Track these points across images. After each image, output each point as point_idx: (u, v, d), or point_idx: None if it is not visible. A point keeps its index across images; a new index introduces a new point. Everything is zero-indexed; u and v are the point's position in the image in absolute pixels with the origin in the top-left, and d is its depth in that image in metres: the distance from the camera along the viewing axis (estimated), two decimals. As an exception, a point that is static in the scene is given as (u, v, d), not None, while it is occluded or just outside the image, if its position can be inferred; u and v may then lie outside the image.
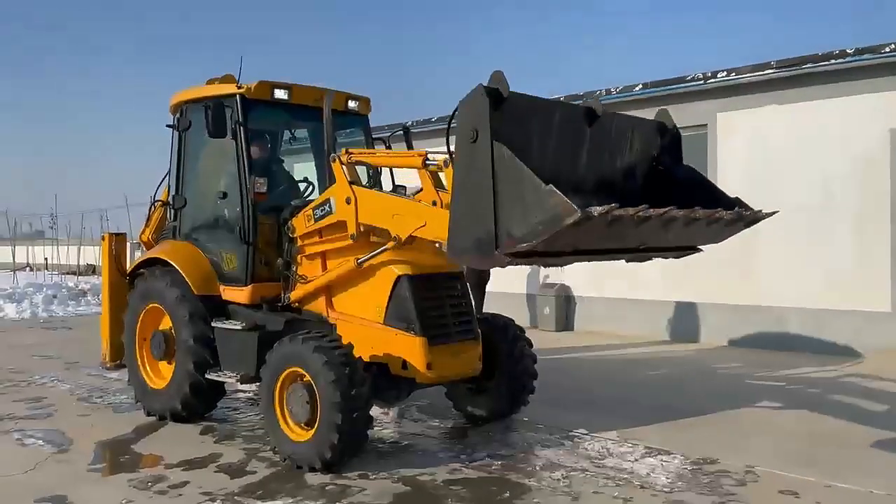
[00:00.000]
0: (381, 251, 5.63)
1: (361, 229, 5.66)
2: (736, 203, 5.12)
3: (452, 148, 4.38)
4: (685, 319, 11.82)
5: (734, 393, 7.92)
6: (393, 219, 5.45)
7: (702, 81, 11.33)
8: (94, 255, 33.60)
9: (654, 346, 11.34)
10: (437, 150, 5.40)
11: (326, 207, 5.88)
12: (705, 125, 11.59)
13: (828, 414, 7.01)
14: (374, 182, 6.63)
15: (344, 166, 5.77)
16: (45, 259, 35.58)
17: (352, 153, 5.84)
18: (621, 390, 8.22)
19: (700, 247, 5.44)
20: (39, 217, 38.91)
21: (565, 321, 13.22)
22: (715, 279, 11.36)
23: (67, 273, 29.90)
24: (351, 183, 5.72)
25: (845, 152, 10.25)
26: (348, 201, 5.68)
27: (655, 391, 8.17)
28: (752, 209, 5.09)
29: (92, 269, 33.15)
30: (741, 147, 11.25)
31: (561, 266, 4.74)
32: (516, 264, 4.15)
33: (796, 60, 10.39)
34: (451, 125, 4.33)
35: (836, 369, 9.24)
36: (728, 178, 11.31)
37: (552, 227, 3.69)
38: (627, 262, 5.19)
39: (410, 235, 5.31)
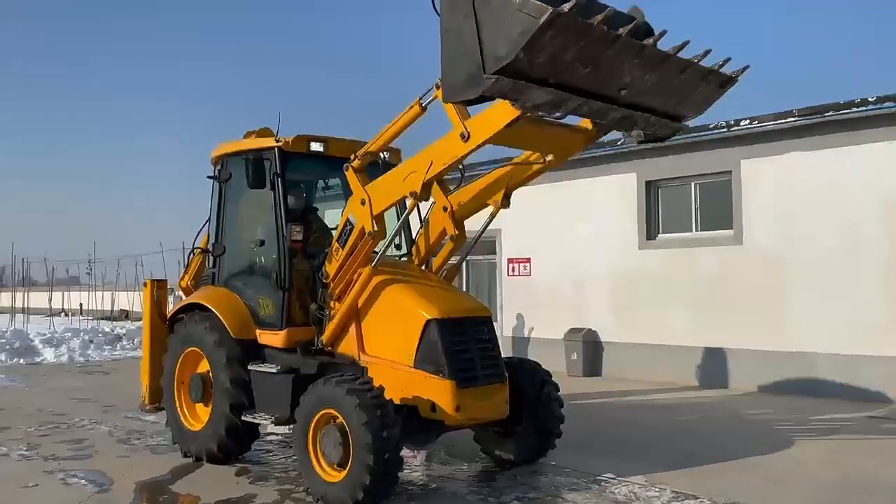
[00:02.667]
0: (388, 243, 6.11)
1: (376, 227, 5.96)
2: None
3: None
4: (714, 365, 11.78)
5: (763, 439, 7.89)
6: (405, 182, 5.75)
7: (725, 129, 11.51)
8: (127, 300, 34.35)
9: (682, 392, 11.29)
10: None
11: (348, 227, 6.18)
12: (729, 172, 11.74)
13: (858, 461, 6.97)
14: (401, 211, 7.10)
15: (357, 173, 6.15)
16: (80, 304, 36.41)
17: (356, 154, 6.21)
18: (650, 435, 8.23)
19: (685, 122, 5.53)
20: (77, 263, 39.92)
21: (593, 366, 13.23)
22: (744, 325, 11.36)
23: (101, 318, 30.48)
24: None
25: (870, 198, 10.30)
26: (363, 203, 6.01)
27: (684, 436, 8.17)
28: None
29: (125, 315, 33.76)
30: (766, 193, 11.35)
31: (546, 112, 4.81)
32: (501, 91, 4.37)
33: (818, 109, 10.54)
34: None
35: (867, 416, 9.14)
36: (754, 223, 11.43)
37: (529, 30, 4.02)
38: (616, 127, 5.35)
39: (424, 183, 5.59)
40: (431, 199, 6.32)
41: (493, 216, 6.74)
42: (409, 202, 6.05)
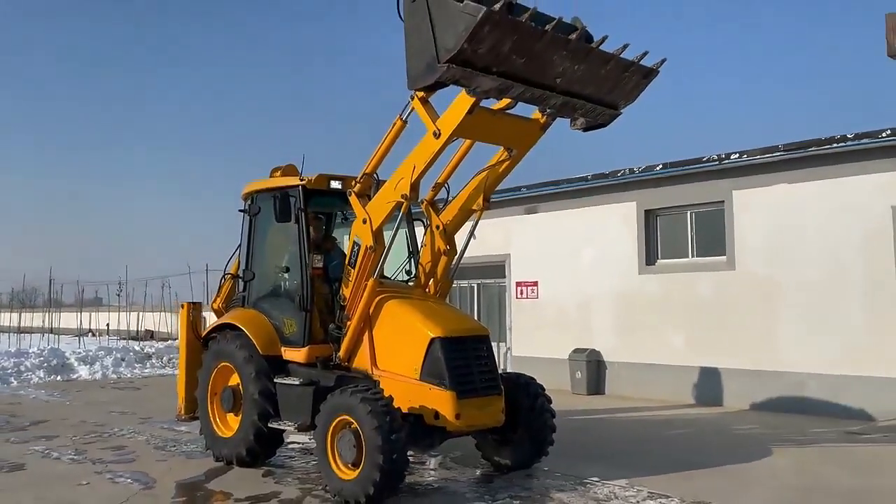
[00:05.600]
0: (388, 250, 6.99)
1: (376, 243, 6.88)
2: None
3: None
4: (709, 384, 12.43)
5: (744, 450, 8.55)
6: (396, 189, 6.73)
7: (717, 162, 12.28)
8: (153, 321, 35.49)
9: (678, 409, 11.96)
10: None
11: (356, 248, 7.07)
12: (722, 202, 12.48)
13: (826, 469, 7.64)
14: (413, 242, 8.23)
15: (359, 197, 7.10)
16: (107, 325, 37.62)
17: (356, 179, 7.19)
18: (639, 446, 8.93)
19: (620, 109, 6.43)
20: (106, 285, 41.27)
21: (597, 385, 13.93)
22: (737, 346, 12.03)
23: (127, 338, 31.49)
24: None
25: (853, 227, 10.97)
26: (365, 221, 6.95)
27: (671, 447, 8.86)
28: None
29: (150, 335, 34.83)
30: (756, 222, 12.06)
31: (495, 96, 5.87)
32: (454, 77, 5.38)
33: (801, 144, 11.28)
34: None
35: (845, 431, 9.76)
36: (746, 250, 12.15)
37: (470, 25, 5.10)
38: (559, 113, 6.26)
39: (412, 184, 6.57)
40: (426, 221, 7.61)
41: (478, 219, 7.72)
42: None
